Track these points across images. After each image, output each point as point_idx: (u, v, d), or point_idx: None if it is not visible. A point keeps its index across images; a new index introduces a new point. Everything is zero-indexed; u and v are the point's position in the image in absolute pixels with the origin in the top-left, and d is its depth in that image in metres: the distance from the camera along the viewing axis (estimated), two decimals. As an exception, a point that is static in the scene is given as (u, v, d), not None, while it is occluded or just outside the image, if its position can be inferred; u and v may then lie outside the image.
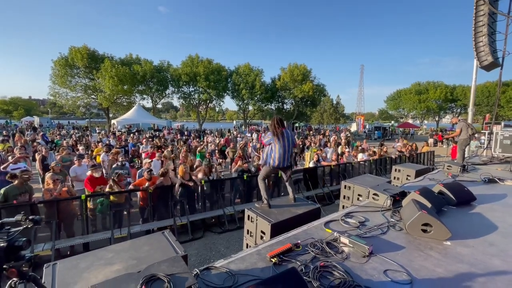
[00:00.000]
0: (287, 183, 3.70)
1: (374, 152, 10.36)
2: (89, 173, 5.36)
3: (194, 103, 32.05)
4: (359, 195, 4.16)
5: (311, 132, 27.05)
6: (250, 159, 9.35)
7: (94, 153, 8.25)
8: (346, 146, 11.70)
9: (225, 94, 31.77)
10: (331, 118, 58.07)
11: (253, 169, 7.06)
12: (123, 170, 6.08)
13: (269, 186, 6.10)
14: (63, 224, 4.53)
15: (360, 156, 9.37)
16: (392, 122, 49.97)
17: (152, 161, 6.66)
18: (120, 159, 6.59)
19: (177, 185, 5.38)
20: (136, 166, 7.07)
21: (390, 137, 30.87)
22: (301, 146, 12.76)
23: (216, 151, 10.38)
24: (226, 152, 10.75)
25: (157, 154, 7.41)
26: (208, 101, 31.81)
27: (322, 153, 8.85)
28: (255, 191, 6.59)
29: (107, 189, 5.02)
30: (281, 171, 3.67)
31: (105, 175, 6.12)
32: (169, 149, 9.15)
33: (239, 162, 7.03)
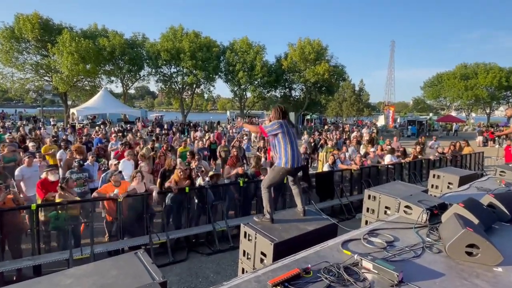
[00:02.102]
0: (294, 191, 3.72)
1: (407, 152, 10.39)
2: (43, 175, 5.36)
3: (177, 88, 32.06)
4: (386, 207, 4.17)
5: (326, 126, 27.14)
6: (245, 161, 9.39)
7: (42, 152, 8.24)
8: (371, 145, 11.74)
9: (217, 76, 31.76)
10: (352, 109, 58.39)
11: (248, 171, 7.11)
12: (82, 174, 6.09)
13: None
14: (7, 241, 4.53)
15: (389, 158, 9.42)
16: (431, 114, 50.04)
17: (120, 162, 6.66)
18: (78, 157, 6.60)
19: (154, 193, 5.39)
20: (103, 168, 7.08)
21: (427, 134, 30.93)
22: (313, 144, 12.81)
23: (205, 151, 10.39)
24: (218, 153, 10.80)
25: (126, 153, 7.45)
26: (194, 86, 31.82)
27: (340, 154, 8.90)
28: (254, 202, 6.63)
29: (57, 199, 5.02)
30: (293, 174, 3.63)
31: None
32: (149, 146, 9.18)
33: (233, 167, 7.04)
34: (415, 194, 4.08)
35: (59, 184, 5.13)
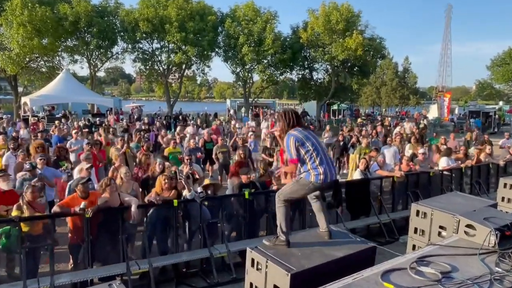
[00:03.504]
0: (315, 207, 3.75)
1: (468, 154, 10.29)
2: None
3: (161, 69, 32.30)
4: (441, 227, 4.17)
5: (359, 119, 27.00)
6: (252, 166, 9.47)
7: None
8: (420, 144, 11.66)
9: (213, 54, 31.89)
10: (394, 96, 57.94)
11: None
12: (38, 183, 6.17)
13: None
14: None
15: (444, 162, 9.35)
16: (501, 103, 49.39)
17: (90, 166, 6.76)
18: (31, 159, 6.70)
19: (133, 207, 5.46)
20: (65, 174, 7.20)
21: (496, 130, 30.55)
22: (341, 143, 12.79)
23: (199, 152, 10.50)
24: (214, 155, 10.87)
25: (83, 156, 7.52)
26: (184, 67, 32.02)
27: (378, 156, 8.84)
28: (263, 219, 6.65)
29: (13, 212, 5.12)
30: (324, 189, 3.68)
31: (15, 187, 6.23)
32: (118, 145, 9.28)
33: (241, 174, 7.07)
34: (480, 210, 4.06)
35: (23, 193, 5.21)
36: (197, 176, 7.50)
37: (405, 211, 7.88)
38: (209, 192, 6.37)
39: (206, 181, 6.65)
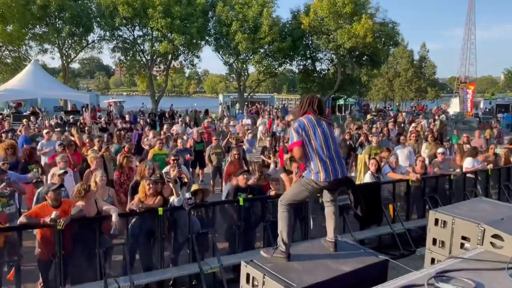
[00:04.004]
0: (328, 211, 3.77)
1: (496, 155, 10.30)
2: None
3: (143, 60, 32.29)
4: (463, 238, 4.17)
5: (369, 115, 27.03)
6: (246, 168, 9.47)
7: None
8: (439, 143, 11.68)
9: (203, 42, 31.92)
10: (409, 89, 58.00)
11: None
12: (6, 189, 6.12)
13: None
14: None
15: (469, 163, 9.37)
16: (534, 96, 49.66)
17: (65, 172, 6.70)
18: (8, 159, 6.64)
19: (114, 217, 5.42)
20: (35, 180, 7.14)
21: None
22: (348, 143, 12.79)
23: (188, 154, 10.48)
24: (207, 157, 10.88)
25: (59, 158, 7.46)
26: (170, 57, 32.04)
27: (389, 157, 8.85)
28: (260, 228, 6.66)
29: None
30: (330, 189, 3.71)
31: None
32: (95, 147, 9.24)
33: (237, 175, 7.06)
34: (509, 218, 4.04)
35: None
36: (185, 180, 7.48)
37: (422, 219, 7.89)
38: (197, 200, 6.36)
39: (195, 187, 6.65)
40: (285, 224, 3.61)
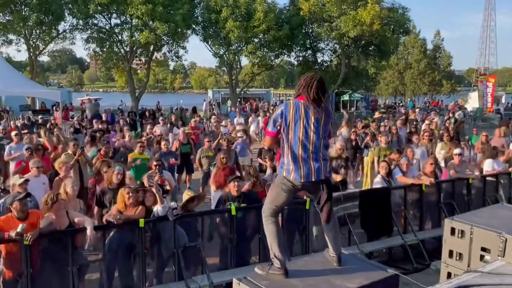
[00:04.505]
0: (324, 222, 3.74)
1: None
2: None
3: (122, 51, 32.22)
4: (483, 249, 4.18)
5: (377, 113, 27.07)
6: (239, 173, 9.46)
7: None
8: (456, 143, 11.73)
9: (189, 31, 31.94)
10: (422, 83, 58.07)
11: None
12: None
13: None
14: None
15: (489, 165, 9.40)
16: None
17: (26, 180, 6.66)
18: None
19: (89, 230, 5.40)
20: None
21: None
22: (354, 143, 12.83)
23: (173, 157, 10.49)
24: (197, 160, 10.92)
25: (32, 162, 7.43)
26: (152, 48, 31.97)
27: (400, 159, 8.86)
28: (255, 241, 6.65)
29: None
30: (308, 191, 3.71)
31: None
32: (69, 150, 9.20)
33: (229, 183, 7.07)
34: (533, 226, 4.09)
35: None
36: (168, 187, 7.47)
37: (437, 229, 7.87)
38: (194, 206, 6.38)
39: (187, 194, 6.61)
40: (273, 236, 3.59)
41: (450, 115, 24.33)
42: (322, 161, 3.51)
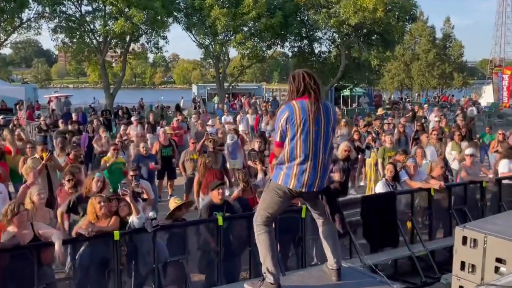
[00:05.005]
0: (322, 232, 3.77)
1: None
2: None
3: (94, 42, 32.09)
4: (498, 260, 4.20)
5: (380, 109, 27.19)
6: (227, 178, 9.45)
7: None
8: (469, 142, 11.79)
9: (170, 20, 31.96)
10: (431, 76, 58.18)
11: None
12: None
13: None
14: None
15: (504, 167, 9.43)
16: None
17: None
18: None
19: (56, 244, 5.36)
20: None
21: None
22: (356, 145, 12.85)
23: (152, 161, 10.47)
24: (181, 164, 10.94)
25: None
26: (128, 39, 31.89)
27: (406, 160, 8.89)
28: (246, 254, 6.65)
29: None
30: (305, 199, 3.73)
31: None
32: (37, 155, 9.13)
33: (212, 190, 7.07)
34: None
35: None
36: (145, 196, 7.45)
37: (448, 238, 7.89)
38: (183, 214, 6.44)
39: (174, 202, 6.59)
40: (265, 248, 3.59)
41: (458, 111, 24.14)
42: (328, 169, 3.57)
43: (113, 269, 5.78)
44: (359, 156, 12.77)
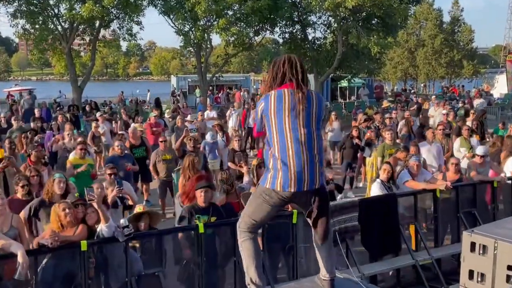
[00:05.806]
0: (316, 239, 3.78)
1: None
2: None
3: (59, 29, 31.96)
4: (510, 268, 4.23)
5: (384, 102, 27.30)
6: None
7: None
8: (478, 139, 11.88)
9: (145, 3, 31.92)
10: (438, 64, 58.29)
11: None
12: None
13: (262, 249, 6.14)
14: None
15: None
16: None
17: None
18: None
19: (19, 256, 5.32)
20: None
21: None
22: (355, 143, 12.91)
23: (126, 162, 10.43)
24: (151, 166, 10.99)
25: None
26: (98, 24, 31.79)
27: (409, 159, 8.91)
28: (231, 265, 6.64)
29: None
30: (298, 204, 3.75)
31: None
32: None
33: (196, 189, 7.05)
34: None
35: None
36: (130, 202, 7.45)
37: (456, 245, 7.93)
38: (142, 226, 6.33)
39: (139, 208, 6.61)
40: (249, 257, 3.63)
41: (460, 105, 23.90)
42: (317, 163, 3.48)
43: (80, 283, 5.73)
44: (358, 154, 12.84)
